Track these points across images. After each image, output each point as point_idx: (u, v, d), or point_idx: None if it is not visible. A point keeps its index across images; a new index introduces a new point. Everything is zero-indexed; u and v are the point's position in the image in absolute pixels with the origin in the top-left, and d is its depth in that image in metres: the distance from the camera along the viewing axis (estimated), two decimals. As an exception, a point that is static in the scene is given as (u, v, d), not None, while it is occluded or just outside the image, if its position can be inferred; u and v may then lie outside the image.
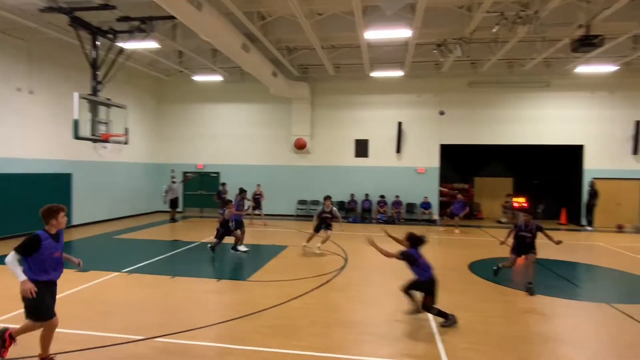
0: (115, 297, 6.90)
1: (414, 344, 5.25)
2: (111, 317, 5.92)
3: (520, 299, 7.28)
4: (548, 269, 9.47)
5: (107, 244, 12.03)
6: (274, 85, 16.43)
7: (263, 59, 14.16)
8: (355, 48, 14.18)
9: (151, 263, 9.33)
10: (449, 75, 17.02)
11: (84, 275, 7.97)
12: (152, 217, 17.89)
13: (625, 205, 16.84)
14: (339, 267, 9.22)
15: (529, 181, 19.12)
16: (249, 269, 8.87)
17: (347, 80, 18.06)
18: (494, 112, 17.44)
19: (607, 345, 5.47)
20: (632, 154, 16.62)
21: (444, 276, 8.86)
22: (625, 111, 16.58)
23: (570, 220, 17.67)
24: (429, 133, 17.90)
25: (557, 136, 17.08)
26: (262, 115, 19.10)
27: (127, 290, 7.30)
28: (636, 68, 15.60)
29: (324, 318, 6.10)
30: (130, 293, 7.16)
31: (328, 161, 18.59)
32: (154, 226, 15.46)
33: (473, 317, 6.27)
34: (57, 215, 4.38)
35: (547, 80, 16.85)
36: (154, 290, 7.32)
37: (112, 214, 16.54)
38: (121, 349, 4.92)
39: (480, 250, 11.60)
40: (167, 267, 9.18)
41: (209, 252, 10.28)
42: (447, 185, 19.31)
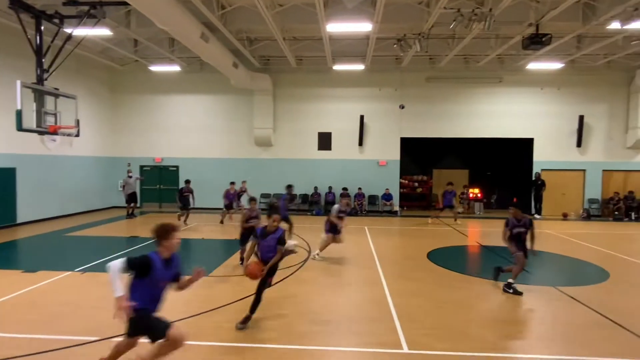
0: (67, 297, 6.56)
1: (376, 333, 5.38)
2: (64, 319, 5.63)
3: (475, 285, 7.64)
4: (500, 256, 9.97)
5: (57, 242, 11.39)
6: (235, 76, 16.10)
7: (223, 49, 13.83)
8: (317, 40, 14.15)
9: (107, 261, 8.90)
10: (409, 70, 17.39)
11: (31, 276, 7.52)
12: (107, 213, 17.12)
13: (569, 194, 18.02)
14: (302, 259, 9.26)
15: (484, 173, 20.00)
16: (211, 265, 8.72)
17: (309, 73, 18.01)
18: (450, 106, 18.03)
19: (553, 325, 5.86)
20: (576, 147, 17.77)
21: (403, 265, 9.19)
22: (570, 107, 17.67)
23: (522, 209, 18.62)
24: (390, 126, 18.24)
25: (509, 130, 17.94)
26: (223, 107, 18.69)
27: (81, 290, 6.97)
28: (580, 66, 16.63)
29: (287, 311, 6.12)
30: (84, 293, 6.83)
31: (291, 154, 18.52)
32: (110, 222, 14.80)
33: (431, 304, 6.51)
34: (171, 235, 3.81)
35: (500, 76, 17.61)
36: (110, 289, 7.00)
37: (62, 211, 15.66)
38: (74, 351, 4.70)
39: (438, 239, 12.04)
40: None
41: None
42: (408, 177, 19.83)
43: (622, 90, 17.49)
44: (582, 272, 8.99)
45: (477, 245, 11.82)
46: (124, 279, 3.69)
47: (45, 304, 6.24)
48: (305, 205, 18.29)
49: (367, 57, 15.47)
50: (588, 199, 17.93)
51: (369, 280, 7.76)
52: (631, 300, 6.92)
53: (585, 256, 10.13)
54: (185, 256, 10.18)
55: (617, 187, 17.74)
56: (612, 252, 10.56)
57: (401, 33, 12.80)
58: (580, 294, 7.06)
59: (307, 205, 18.25)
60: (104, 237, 12.10)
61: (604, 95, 17.61)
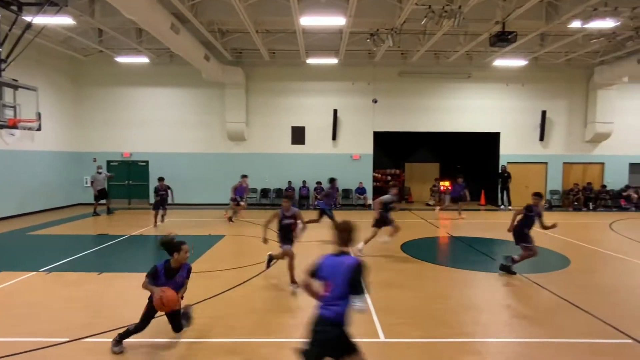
0: (32, 298, 6.30)
1: (353, 324, 5.46)
2: (29, 321, 5.41)
3: (448, 275, 7.90)
4: (470, 246, 10.33)
5: (19, 242, 10.87)
6: (207, 69, 15.77)
7: (194, 41, 13.51)
8: (291, 34, 14.07)
9: (74, 260, 8.63)
10: (381, 65, 17.58)
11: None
12: (72, 211, 16.47)
13: (532, 186, 18.73)
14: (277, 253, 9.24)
15: (454, 166, 20.56)
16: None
17: (282, 66, 17.88)
18: (422, 101, 18.39)
19: (520, 309, 6.15)
20: (539, 141, 18.55)
21: (378, 258, 9.35)
22: (534, 102, 18.40)
23: (488, 201, 19.37)
24: (363, 120, 18.42)
25: (477, 124, 18.51)
26: (194, 100, 18.29)
27: (46, 291, 6.70)
28: (542, 63, 17.32)
29: (264, 305, 6.12)
30: (50, 293, 6.58)
31: (264, 148, 18.38)
32: (75, 220, 14.25)
33: (407, 294, 6.68)
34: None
35: (469, 72, 18.10)
36: (79, 289, 6.80)
37: (23, 209, 14.92)
38: (45, 353, 4.53)
39: (411, 231, 12.29)
40: (93, 263, 8.55)
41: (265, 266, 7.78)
42: (380, 171, 20.13)
43: (581, 86, 18.37)
44: (546, 259, 9.42)
45: (448, 236, 12.17)
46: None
47: (11, 306, 5.97)
48: (279, 200, 18.21)
49: (341, 51, 15.52)
50: (550, 190, 18.80)
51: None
52: (590, 284, 7.35)
53: (548, 244, 10.63)
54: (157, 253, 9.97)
55: (577, 179, 18.69)
56: (572, 240, 11.14)
57: (374, 28, 12.92)
58: (544, 280, 7.42)
59: (280, 200, 18.18)
60: (69, 236, 11.64)
61: (564, 91, 18.45)
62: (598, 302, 6.30)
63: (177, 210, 16.64)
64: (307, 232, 8.93)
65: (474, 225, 9.04)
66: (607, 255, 9.62)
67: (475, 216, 16.01)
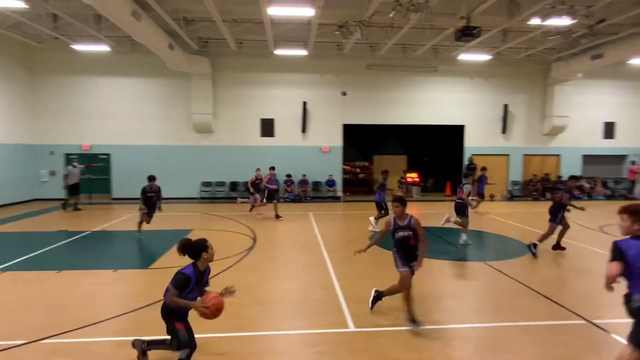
0: (-15, 299, 5.94)
1: (323, 315, 5.52)
2: (-18, 323, 5.10)
3: (415, 264, 8.08)
4: (438, 236, 10.62)
5: (-31, 240, 10.20)
6: (171, 58, 15.24)
7: (157, 30, 13.01)
8: (259, 24, 13.81)
9: (31, 258, 8.19)
10: (350, 57, 17.62)
11: (-60, 279, 6.68)
12: (28, 207, 15.60)
13: (496, 177, 19.50)
14: (248, 247, 9.17)
15: (421, 158, 21.02)
16: (151, 257, 8.33)
17: (251, 57, 17.56)
18: (390, 93, 18.61)
19: (484, 296, 6.40)
20: (501, 134, 19.26)
21: (348, 248, 9.43)
22: (496, 96, 19.04)
23: (454, 191, 19.93)
24: (333, 113, 18.44)
25: (443, 117, 18.97)
26: (159, 91, 17.67)
27: (1, 292, 6.33)
28: (505, 58, 17.91)
29: (235, 299, 6.01)
30: (5, 293, 6.23)
31: (233, 141, 18.06)
32: (32, 216, 13.52)
33: (377, 284, 6.77)
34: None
35: (435, 66, 18.46)
36: (37, 288, 6.47)
37: (-27, 205, 14.01)
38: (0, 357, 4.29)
39: (380, 222, 12.48)
40: (52, 261, 8.15)
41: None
42: (350, 164, 20.29)
43: (540, 81, 19.18)
44: (507, 247, 9.85)
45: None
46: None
47: (-41, 308, 5.60)
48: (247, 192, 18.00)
49: (310, 43, 15.42)
50: (511, 181, 19.60)
51: (314, 265, 7.89)
52: (548, 270, 7.75)
53: (509, 233, 11.11)
54: (131, 247, 9.65)
55: (535, 170, 19.57)
56: (531, 229, 11.67)
57: (342, 20, 12.89)
58: (505, 267, 7.75)
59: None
60: (26, 233, 11.04)
61: (525, 86, 19.20)
62: (554, 287, 6.65)
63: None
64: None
65: (442, 215, 9.40)
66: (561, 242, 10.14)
67: (442, 207, 16.47)
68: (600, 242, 9.76)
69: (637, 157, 19.74)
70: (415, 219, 5.17)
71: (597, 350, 4.57)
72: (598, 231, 11.40)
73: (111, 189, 17.75)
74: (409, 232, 5.12)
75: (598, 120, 19.65)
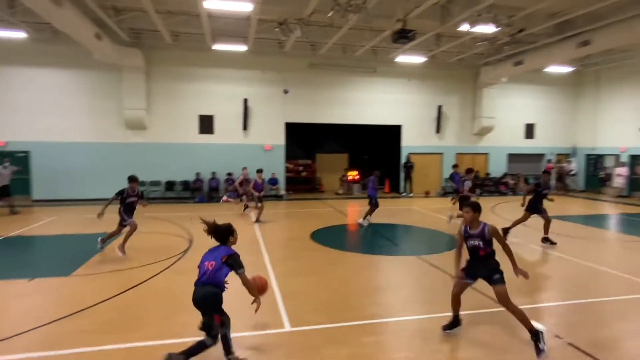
0: None
1: (259, 316, 5.42)
2: None
3: (355, 260, 8.24)
4: (375, 231, 10.93)
5: None
6: (99, 49, 14.17)
7: (82, 17, 12.02)
8: (195, 17, 13.28)
9: None
10: (292, 55, 17.56)
11: None
12: None
13: (430, 175, 20.55)
14: (183, 249, 8.80)
15: (361, 156, 21.53)
16: (73, 263, 7.68)
17: (188, 51, 16.86)
18: (331, 93, 18.83)
19: (415, 288, 6.68)
20: (435, 133, 20.27)
21: (288, 247, 9.43)
22: (431, 97, 20.01)
23: (393, 189, 20.68)
24: (275, 111, 18.27)
25: (382, 117, 19.57)
26: (85, 84, 16.39)
27: None
28: (439, 61, 18.85)
29: (165, 305, 5.76)
30: None
31: (169, 138, 17.25)
32: None
33: (314, 281, 6.82)
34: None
35: (374, 67, 18.96)
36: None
37: None
38: None
39: (320, 220, 12.61)
40: (-47, 272, 7.23)
41: None
42: (293, 162, 20.25)
43: (470, 84, 20.44)
44: (438, 240, 10.38)
45: (355, 223, 12.72)
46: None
47: None
48: (186, 192, 17.34)
49: (249, 39, 15.13)
50: (445, 178, 20.71)
51: (253, 265, 7.71)
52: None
53: (441, 227, 11.72)
54: (51, 253, 8.82)
55: (466, 167, 20.81)
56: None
57: (282, 17, 12.80)
58: (436, 260, 8.15)
59: (188, 193, 17.34)
60: None
61: (457, 88, 20.36)
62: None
63: (68, 206, 14.93)
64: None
65: (379, 211, 9.76)
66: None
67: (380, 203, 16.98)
68: (521, 234, 10.58)
69: (552, 155, 21.74)
70: (490, 228, 4.52)
71: (515, 333, 4.94)
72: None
73: (31, 190, 16.18)
74: (479, 242, 4.55)
75: (520, 121, 21.38)
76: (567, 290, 6.64)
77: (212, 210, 12.82)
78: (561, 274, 7.50)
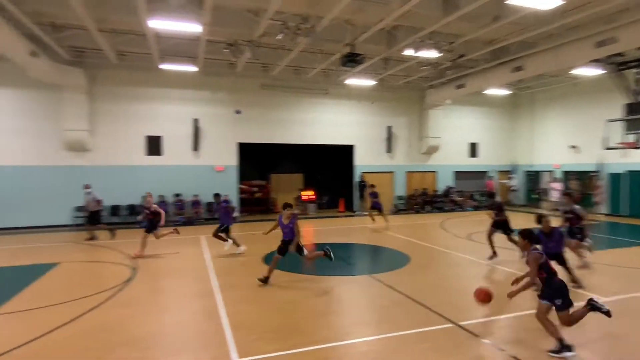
0: None
1: (205, 348, 5.16)
2: None
3: (309, 283, 8.12)
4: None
5: None
6: (35, 68, 13.29)
7: (15, 34, 11.28)
8: (141, 36, 12.92)
9: None
10: (243, 76, 17.50)
11: None
12: None
13: (382, 193, 20.93)
14: (125, 279, 8.26)
15: (315, 176, 21.62)
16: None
17: (134, 70, 16.29)
18: (284, 114, 18.90)
19: (368, 309, 6.67)
20: (387, 152, 20.86)
21: (239, 271, 9.12)
22: (381, 118, 20.64)
23: (347, 207, 20.88)
24: (227, 131, 17.99)
25: (335, 137, 19.86)
26: (20, 104, 15.28)
27: None
28: (387, 84, 19.57)
29: (100, 341, 5.32)
30: None
31: (113, 160, 16.40)
32: None
33: (265, 307, 6.61)
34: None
35: (325, 88, 19.32)
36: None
37: None
38: None
39: (274, 242, 12.30)
40: None
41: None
42: (247, 183, 19.93)
43: (417, 106, 21.34)
44: (391, 258, 10.52)
45: (311, 244, 12.61)
46: None
47: None
48: (132, 217, 16.43)
49: (199, 59, 14.92)
50: (396, 195, 21.24)
51: (200, 293, 7.41)
52: (425, 278, 8.43)
53: (393, 245, 11.91)
54: None
55: (416, 185, 21.54)
56: (412, 240, 12.70)
57: (232, 38, 12.77)
58: (388, 278, 8.23)
59: (134, 217, 16.44)
60: None
61: (404, 109, 21.18)
62: (429, 294, 7.23)
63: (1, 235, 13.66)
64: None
65: (333, 231, 9.74)
66: (438, 250, 11.23)
67: (334, 222, 17.06)
68: (469, 249, 10.98)
69: (494, 172, 23.01)
70: (530, 255, 5.02)
71: (464, 350, 5.02)
72: (466, 239, 12.84)
73: (-48, 219, 14.65)
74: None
75: (465, 140, 22.53)
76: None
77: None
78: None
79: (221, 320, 6.02)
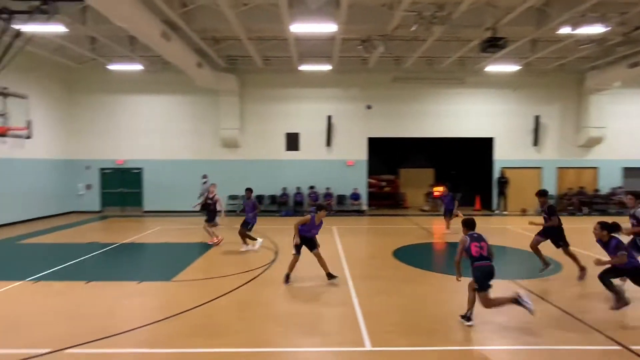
0: (17, 309, 6.22)
1: (339, 333, 5.41)
2: (12, 332, 5.33)
3: (439, 281, 7.83)
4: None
5: (8, 251, 10.78)
6: (200, 76, 15.77)
7: (186, 49, 13.51)
8: (283, 40, 14.09)
9: (62, 269, 8.54)
10: (375, 71, 17.63)
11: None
12: (65, 219, 16.36)
13: (528, 191, 18.72)
14: (269, 261, 9.19)
15: (448, 171, 20.54)
16: (174, 269, 8.49)
17: (276, 73, 17.91)
18: (416, 106, 18.43)
19: (514, 316, 6.08)
20: (532, 146, 18.59)
21: (370, 264, 9.31)
22: (526, 107, 18.46)
23: (484, 206, 19.34)
24: (357, 126, 18.43)
25: (471, 129, 18.54)
26: (188, 107, 18.30)
27: (32, 301, 6.61)
28: (534, 68, 17.39)
29: (250, 314, 6.05)
30: (36, 303, 6.49)
31: (259, 155, 18.36)
32: (68, 228, 14.15)
33: (396, 301, 6.62)
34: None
35: (461, 78, 18.15)
36: (65, 298, 6.72)
37: (14, 217, 14.81)
38: (23, 365, 4.45)
39: (404, 237, 12.24)
40: (81, 272, 8.46)
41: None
42: (375, 177, 20.11)
43: (573, 91, 18.45)
44: (537, 264, 9.35)
45: (441, 242, 12.11)
46: None
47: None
48: (273, 206, 18.18)
49: (334, 58, 15.57)
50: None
51: (335, 280, 7.78)
52: (581, 290, 7.30)
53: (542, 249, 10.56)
54: (157, 260, 9.91)
55: (570, 184, 18.70)
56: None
57: (365, 34, 12.96)
58: (532, 285, 7.37)
59: (275, 207, 18.16)
60: (59, 244, 11.55)
61: (557, 96, 18.52)
62: (586, 308, 6.24)
63: (173, 217, 16.60)
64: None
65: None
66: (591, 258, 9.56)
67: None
68: None
69: (683, 169, 18.48)
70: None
71: None
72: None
73: (142, 202, 18.36)
74: None
75: (638, 130, 18.61)
76: None
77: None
78: None
79: (354, 308, 6.23)
